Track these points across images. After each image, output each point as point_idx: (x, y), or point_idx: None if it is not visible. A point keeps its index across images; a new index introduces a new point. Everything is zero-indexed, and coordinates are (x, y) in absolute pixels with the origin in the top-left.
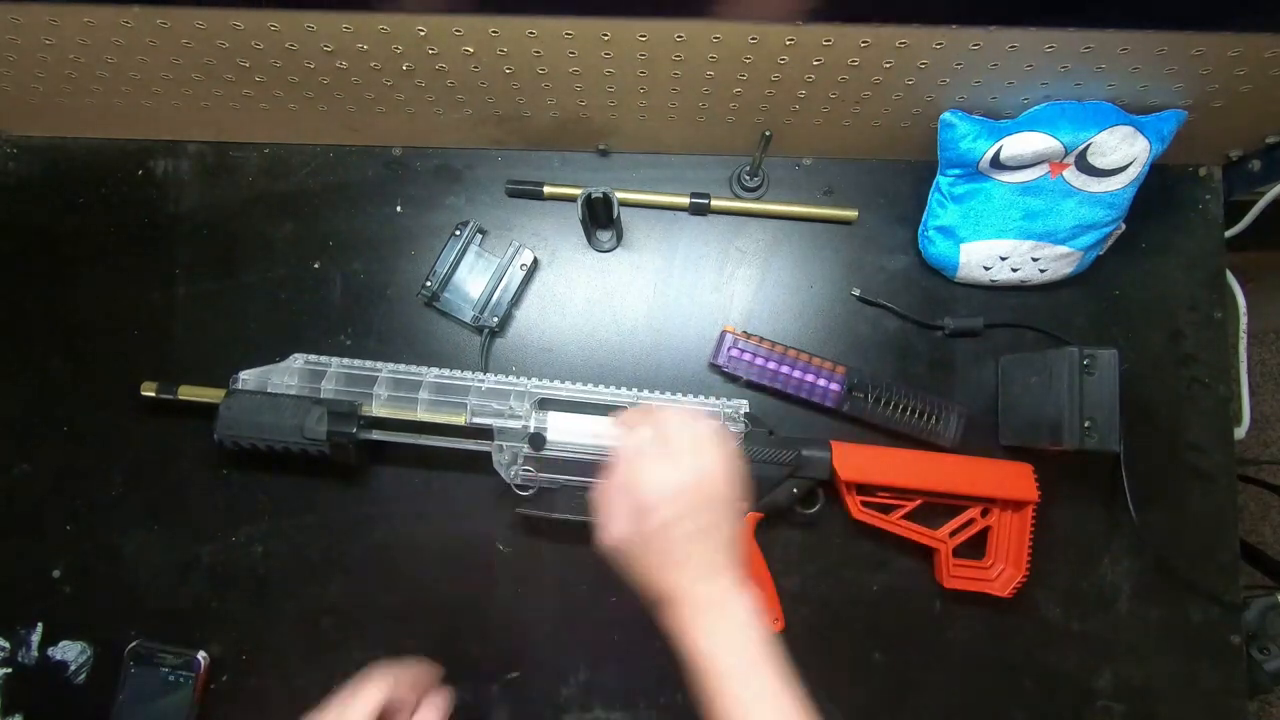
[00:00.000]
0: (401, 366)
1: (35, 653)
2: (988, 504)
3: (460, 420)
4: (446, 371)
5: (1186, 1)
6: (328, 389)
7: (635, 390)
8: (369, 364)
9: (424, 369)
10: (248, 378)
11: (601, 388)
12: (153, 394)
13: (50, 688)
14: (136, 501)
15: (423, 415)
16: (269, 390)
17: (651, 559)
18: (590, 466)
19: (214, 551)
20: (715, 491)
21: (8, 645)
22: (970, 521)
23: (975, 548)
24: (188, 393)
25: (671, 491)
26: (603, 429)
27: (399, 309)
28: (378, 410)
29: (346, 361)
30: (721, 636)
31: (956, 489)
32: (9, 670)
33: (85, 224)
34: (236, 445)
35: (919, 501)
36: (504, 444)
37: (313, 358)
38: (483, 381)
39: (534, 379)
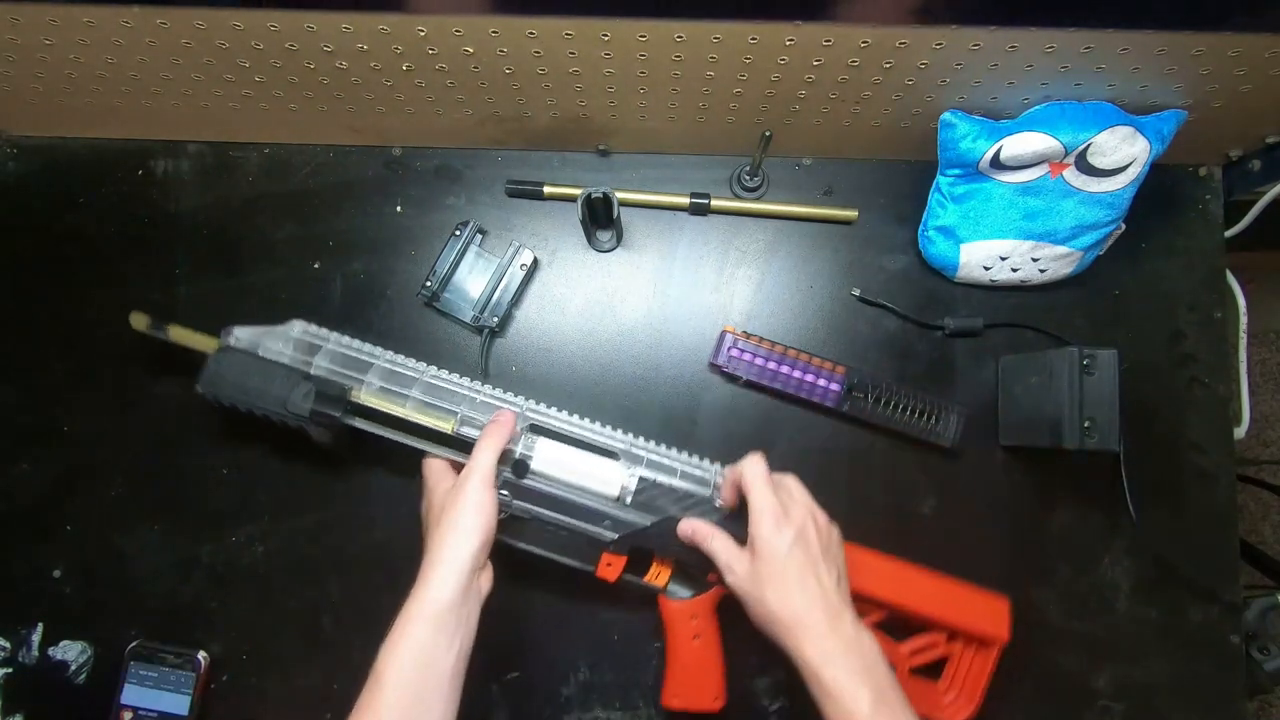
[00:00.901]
0: (400, 358)
1: (36, 652)
2: (953, 632)
3: (448, 427)
4: (444, 374)
5: (1186, 1)
6: (320, 365)
7: (631, 435)
8: (366, 347)
9: (422, 365)
10: (241, 335)
11: (596, 425)
12: (144, 329)
13: (51, 687)
14: (136, 501)
15: (410, 413)
16: (260, 354)
17: (794, 594)
18: (566, 505)
19: (214, 551)
20: (837, 545)
21: (8, 645)
22: (933, 645)
23: (932, 667)
24: (179, 335)
25: (823, 540)
26: (589, 469)
27: (399, 309)
28: (366, 398)
29: (345, 340)
30: (856, 669)
31: (927, 611)
32: (9, 670)
33: (85, 224)
34: (216, 401)
35: (884, 613)
36: None
37: (312, 328)
38: (478, 393)
39: (530, 401)
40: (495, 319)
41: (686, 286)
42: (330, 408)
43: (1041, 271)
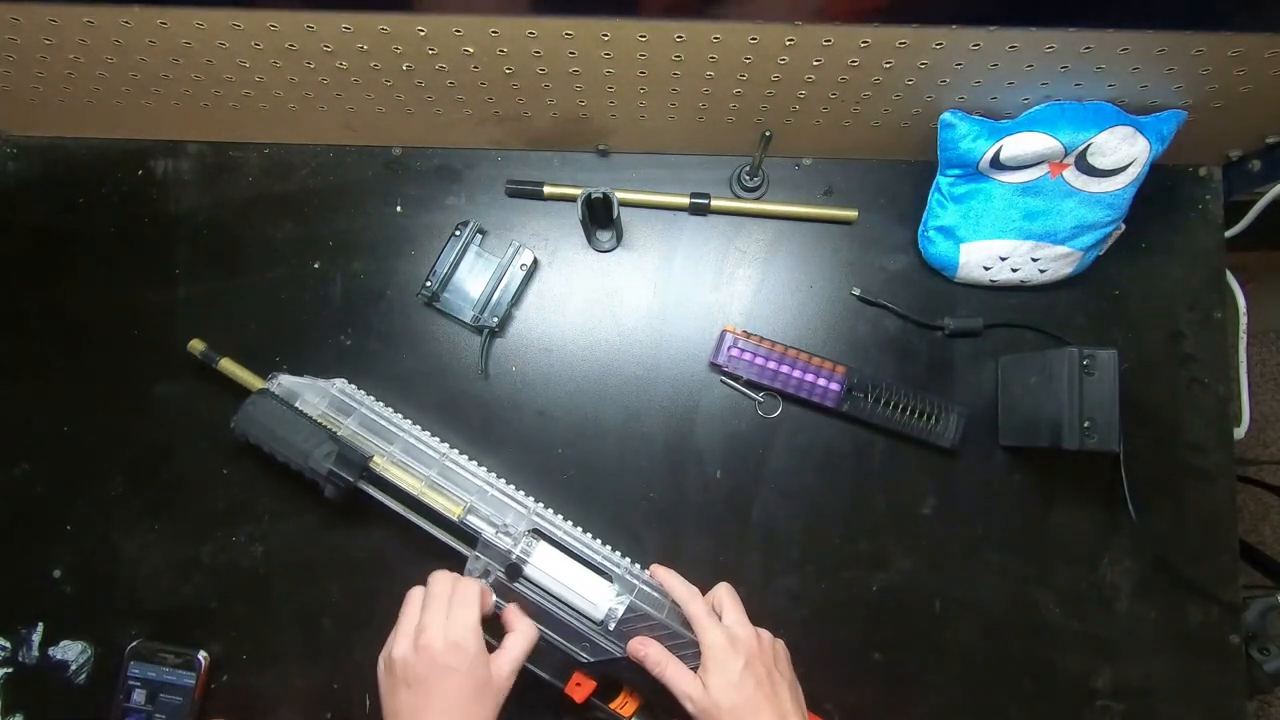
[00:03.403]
0: (425, 435)
1: (36, 652)
2: None
3: (455, 513)
4: (463, 459)
5: (1186, 1)
6: (348, 427)
7: (628, 560)
8: (397, 418)
9: (445, 447)
10: (284, 382)
11: (598, 543)
12: (199, 354)
13: (51, 687)
14: (136, 501)
15: (424, 490)
16: (298, 405)
17: (769, 712)
18: (549, 619)
19: (214, 551)
20: (784, 659)
21: (9, 645)
22: None
23: None
24: (228, 368)
25: (767, 659)
26: (581, 585)
27: (399, 309)
28: (385, 467)
29: (379, 407)
30: None
31: None
32: (10, 670)
33: (85, 224)
34: (245, 439)
35: None
36: (482, 556)
37: (350, 389)
38: (490, 486)
39: (538, 504)
40: (495, 319)
41: (686, 286)
42: (347, 471)
43: (1041, 271)
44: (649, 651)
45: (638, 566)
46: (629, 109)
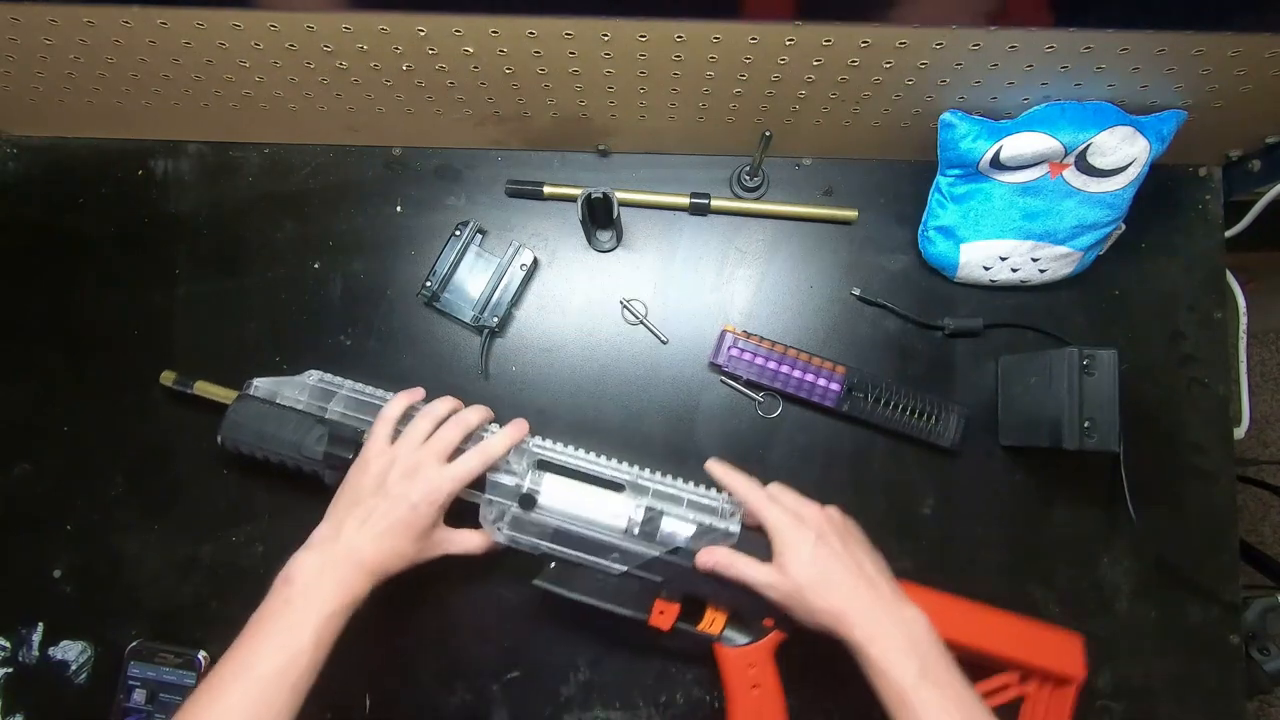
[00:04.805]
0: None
1: (36, 652)
2: (1026, 671)
3: None
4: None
5: (1186, 1)
6: (334, 410)
7: (636, 467)
8: (379, 393)
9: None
10: (260, 385)
11: (602, 458)
12: (170, 384)
13: (51, 687)
14: (136, 501)
15: None
16: (279, 401)
17: (832, 589)
18: (574, 538)
19: (214, 551)
20: (856, 530)
21: (9, 645)
22: (1005, 686)
23: (1008, 714)
24: (203, 389)
25: (839, 529)
26: (596, 502)
27: (399, 309)
28: None
29: (358, 386)
30: (901, 644)
31: (997, 651)
32: (10, 670)
33: (85, 224)
34: (237, 450)
35: (953, 656)
36: (494, 498)
37: (327, 376)
38: (486, 432)
39: (536, 438)
40: (495, 319)
41: (686, 286)
42: (342, 450)
43: (1041, 271)
44: (716, 557)
45: (648, 471)
46: (629, 109)
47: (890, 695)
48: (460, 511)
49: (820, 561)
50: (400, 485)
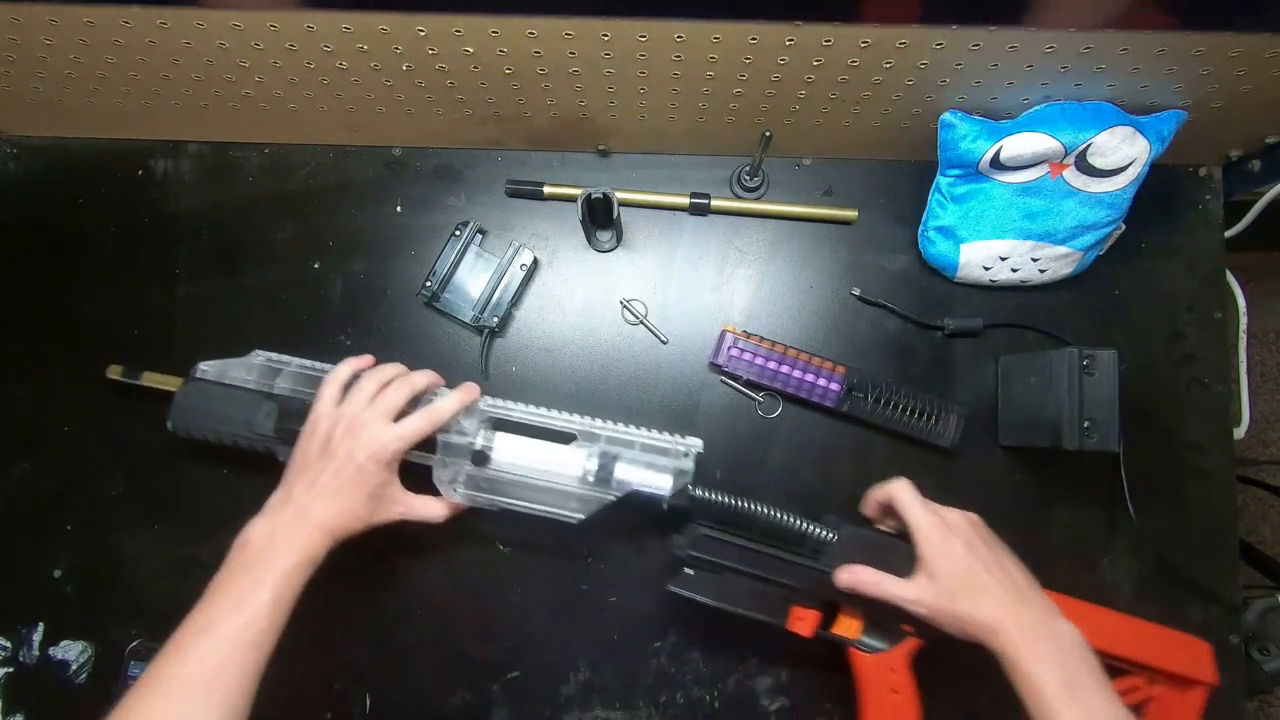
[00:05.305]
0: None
1: (36, 652)
2: (1154, 674)
3: None
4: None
5: (1186, 1)
6: (282, 386)
7: (589, 418)
8: (326, 366)
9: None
10: (208, 368)
11: (554, 412)
12: (118, 377)
13: (51, 687)
14: (136, 501)
15: None
16: (226, 382)
17: (983, 598)
18: (531, 489)
19: (214, 551)
20: (992, 532)
21: (9, 645)
22: (1134, 688)
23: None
24: (151, 379)
25: (982, 535)
26: (549, 454)
27: (399, 309)
28: None
29: (305, 362)
30: (1049, 656)
31: (1125, 653)
32: (10, 670)
33: (85, 224)
34: (189, 435)
35: None
36: (447, 459)
37: (274, 355)
38: (434, 395)
39: (487, 397)
40: (495, 319)
41: (686, 286)
42: (294, 423)
43: (1041, 272)
44: (859, 576)
45: (599, 421)
46: (629, 109)
47: (1038, 709)
48: (425, 488)
49: (975, 576)
50: (345, 444)
